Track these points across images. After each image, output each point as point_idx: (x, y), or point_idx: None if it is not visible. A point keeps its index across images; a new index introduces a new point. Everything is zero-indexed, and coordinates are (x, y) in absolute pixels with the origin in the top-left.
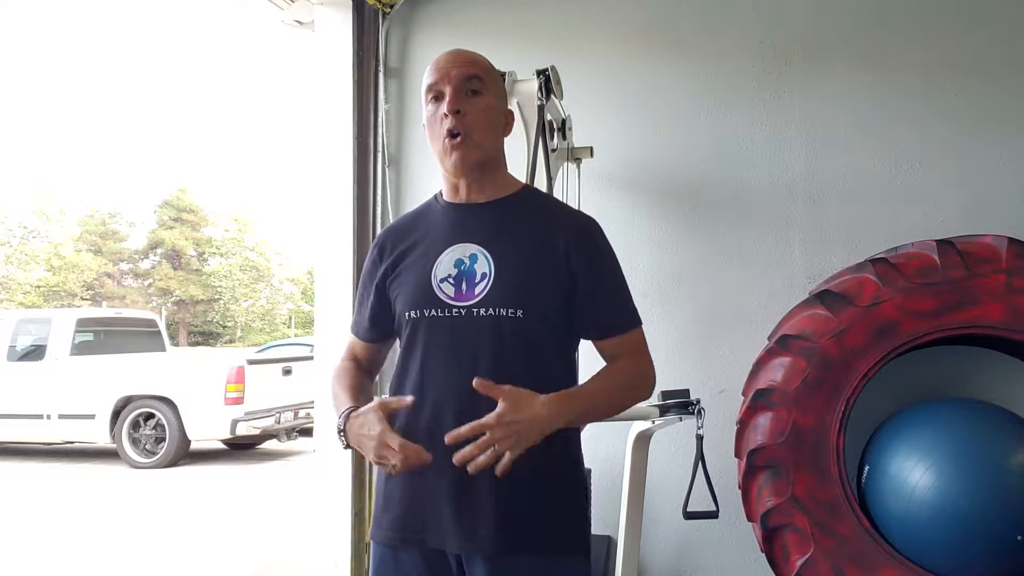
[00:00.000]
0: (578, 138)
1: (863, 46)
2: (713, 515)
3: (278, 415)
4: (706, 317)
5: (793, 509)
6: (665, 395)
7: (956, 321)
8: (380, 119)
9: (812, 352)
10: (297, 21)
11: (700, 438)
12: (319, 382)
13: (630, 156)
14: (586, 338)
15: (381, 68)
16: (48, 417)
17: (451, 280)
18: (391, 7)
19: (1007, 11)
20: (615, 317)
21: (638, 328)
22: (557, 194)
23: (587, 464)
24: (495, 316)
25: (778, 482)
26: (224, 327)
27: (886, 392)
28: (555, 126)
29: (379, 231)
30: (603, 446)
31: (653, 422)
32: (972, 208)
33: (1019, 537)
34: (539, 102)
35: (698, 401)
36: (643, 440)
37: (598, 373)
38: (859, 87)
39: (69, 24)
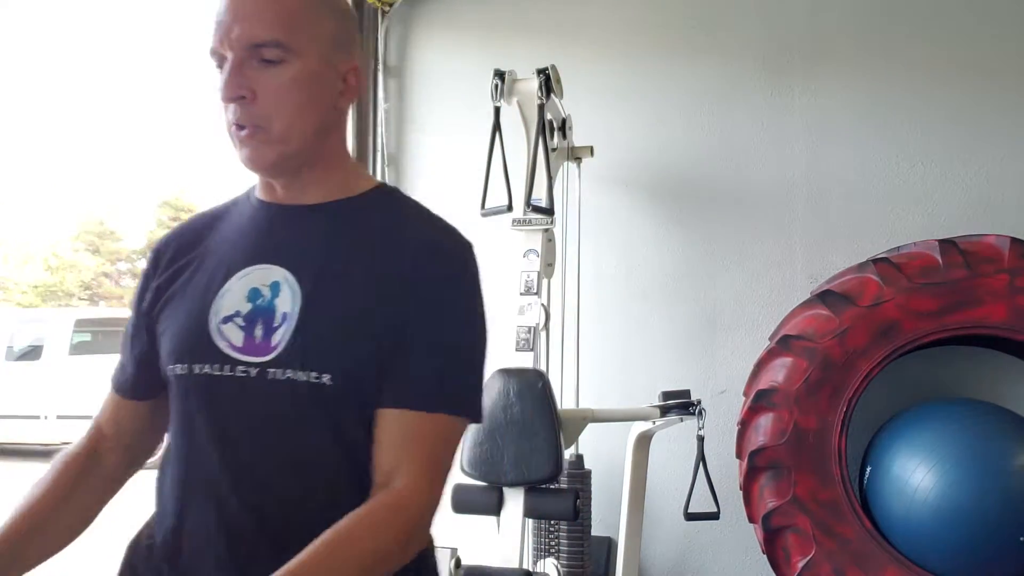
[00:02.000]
0: (578, 137)
1: (865, 44)
2: (714, 516)
3: None
4: (707, 317)
5: (795, 510)
6: (666, 395)
7: (958, 321)
8: (379, 119)
9: (814, 352)
10: None
11: (701, 439)
12: None
13: (631, 155)
14: (378, 406)
15: (380, 67)
16: (45, 418)
17: (239, 320)
18: (390, 5)
19: (1011, 9)
20: (423, 382)
21: (454, 419)
22: (557, 194)
23: (587, 465)
24: (293, 382)
25: (779, 483)
26: None
27: (888, 393)
28: (555, 125)
29: None
30: (604, 447)
31: (654, 423)
32: (975, 208)
33: (1021, 538)
34: (539, 101)
35: (699, 402)
36: (644, 441)
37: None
38: (861, 85)
39: (68, 23)
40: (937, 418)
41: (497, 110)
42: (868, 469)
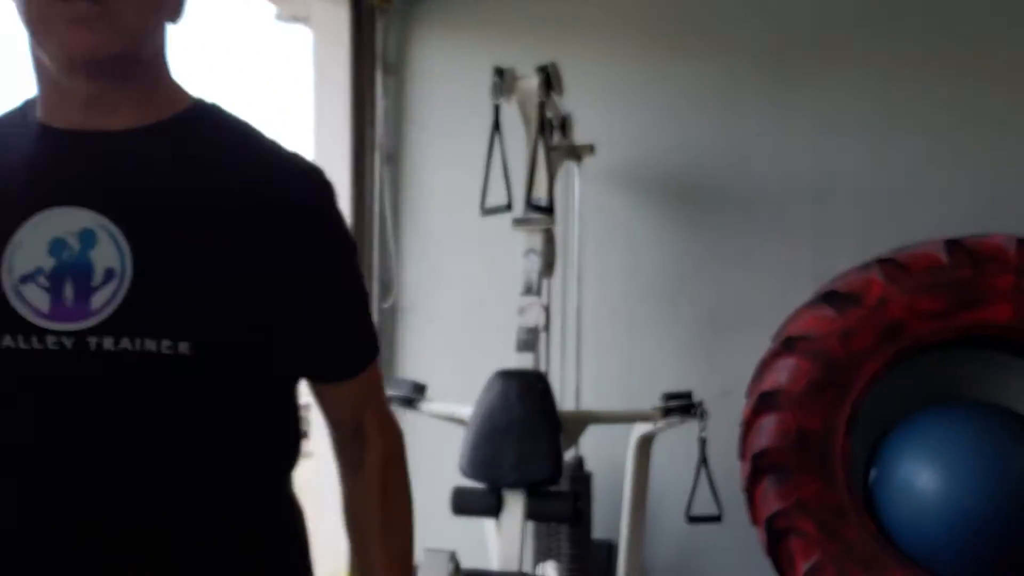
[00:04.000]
0: (579, 135)
1: (871, 43)
2: (716, 519)
3: None
4: (710, 318)
5: (798, 513)
6: (668, 397)
7: (964, 322)
8: (378, 116)
9: (818, 353)
10: (293, 17)
11: (703, 441)
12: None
13: (633, 154)
14: (305, 377)
15: (379, 64)
16: None
17: (43, 279)
18: (389, 2)
19: (1015, 9)
20: (355, 345)
21: (377, 360)
22: (558, 194)
23: (588, 468)
24: (136, 354)
25: (783, 486)
26: None
27: (893, 394)
28: (556, 123)
29: (376, 229)
30: (604, 449)
31: (655, 424)
32: (981, 207)
33: None
34: (539, 99)
35: (701, 403)
36: (645, 443)
37: (356, 509)
38: (867, 85)
39: None
40: (943, 420)
41: (497, 108)
42: (873, 471)
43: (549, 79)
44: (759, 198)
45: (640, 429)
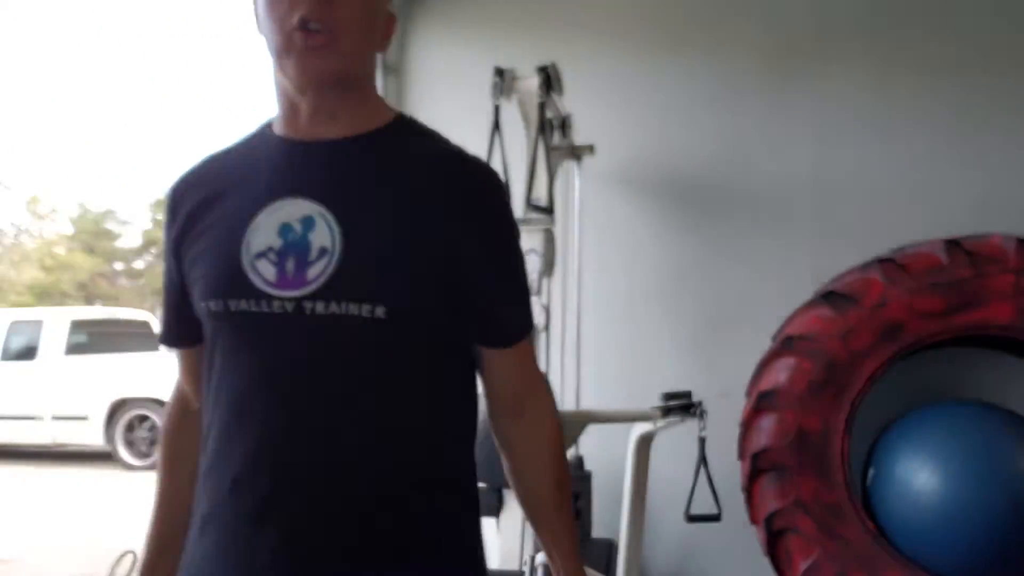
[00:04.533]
0: (579, 136)
1: (870, 43)
2: (716, 518)
3: None
4: (709, 317)
5: (797, 512)
6: (667, 397)
7: (963, 322)
8: None
9: (817, 353)
10: None
11: (703, 440)
12: None
13: (632, 154)
14: (477, 342)
15: (379, 65)
16: (41, 419)
17: (272, 256)
18: (389, 2)
19: (1016, 10)
20: (518, 315)
21: (532, 334)
22: (558, 194)
23: (588, 467)
24: (340, 316)
25: (782, 485)
26: None
27: (892, 394)
28: (556, 123)
29: None
30: (604, 449)
31: (655, 424)
32: (980, 207)
33: None
34: (540, 99)
35: (700, 403)
36: (645, 442)
37: (534, 480)
38: (866, 84)
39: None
40: (941, 420)
41: (497, 108)
42: (871, 471)
43: (549, 79)
44: (759, 198)
45: (640, 429)
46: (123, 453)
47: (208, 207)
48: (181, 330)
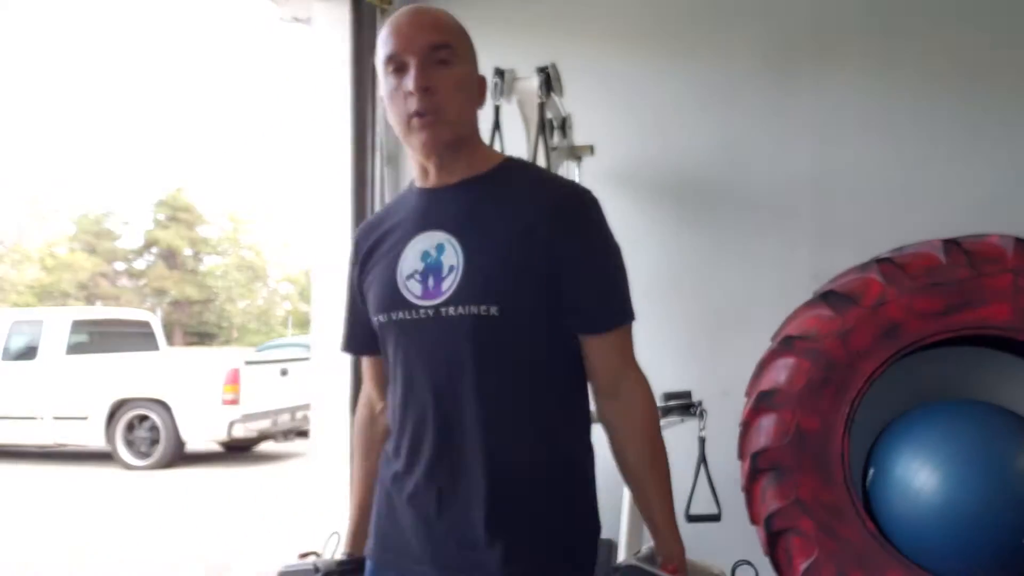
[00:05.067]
0: (579, 136)
1: (869, 44)
2: (715, 518)
3: (274, 417)
4: (709, 317)
5: (797, 512)
6: (667, 396)
7: (962, 322)
8: (378, 117)
9: (816, 353)
10: (294, 18)
11: (702, 440)
12: (315, 384)
13: (632, 154)
14: (578, 329)
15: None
16: (41, 419)
17: (417, 276)
18: (389, 3)
19: (1016, 10)
20: (614, 305)
21: (629, 325)
22: None
23: None
24: (465, 316)
25: (782, 485)
26: (220, 327)
27: (891, 394)
28: (556, 124)
29: None
30: (604, 449)
31: None
32: (979, 207)
33: None
34: (539, 100)
35: (700, 403)
36: None
37: (631, 456)
38: (865, 85)
39: (64, 22)
40: (940, 419)
41: (497, 108)
42: (871, 471)
43: (549, 80)
44: (759, 198)
45: None
46: (123, 453)
47: (377, 246)
48: (361, 339)
